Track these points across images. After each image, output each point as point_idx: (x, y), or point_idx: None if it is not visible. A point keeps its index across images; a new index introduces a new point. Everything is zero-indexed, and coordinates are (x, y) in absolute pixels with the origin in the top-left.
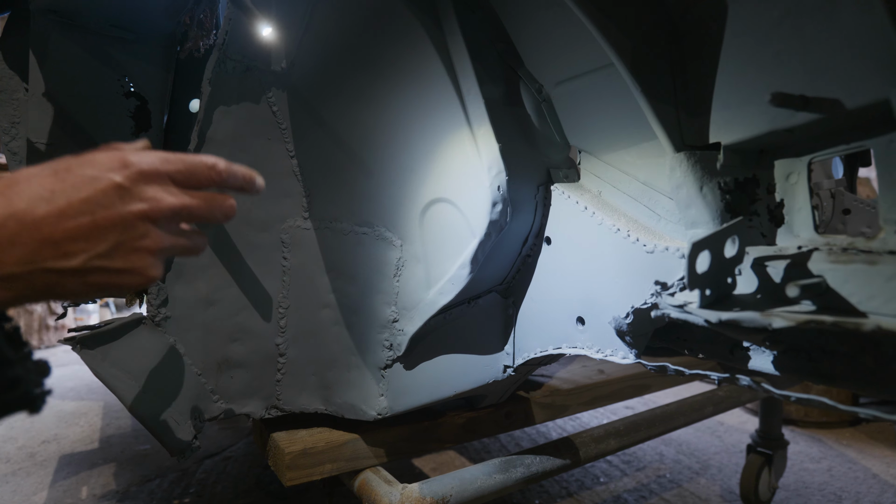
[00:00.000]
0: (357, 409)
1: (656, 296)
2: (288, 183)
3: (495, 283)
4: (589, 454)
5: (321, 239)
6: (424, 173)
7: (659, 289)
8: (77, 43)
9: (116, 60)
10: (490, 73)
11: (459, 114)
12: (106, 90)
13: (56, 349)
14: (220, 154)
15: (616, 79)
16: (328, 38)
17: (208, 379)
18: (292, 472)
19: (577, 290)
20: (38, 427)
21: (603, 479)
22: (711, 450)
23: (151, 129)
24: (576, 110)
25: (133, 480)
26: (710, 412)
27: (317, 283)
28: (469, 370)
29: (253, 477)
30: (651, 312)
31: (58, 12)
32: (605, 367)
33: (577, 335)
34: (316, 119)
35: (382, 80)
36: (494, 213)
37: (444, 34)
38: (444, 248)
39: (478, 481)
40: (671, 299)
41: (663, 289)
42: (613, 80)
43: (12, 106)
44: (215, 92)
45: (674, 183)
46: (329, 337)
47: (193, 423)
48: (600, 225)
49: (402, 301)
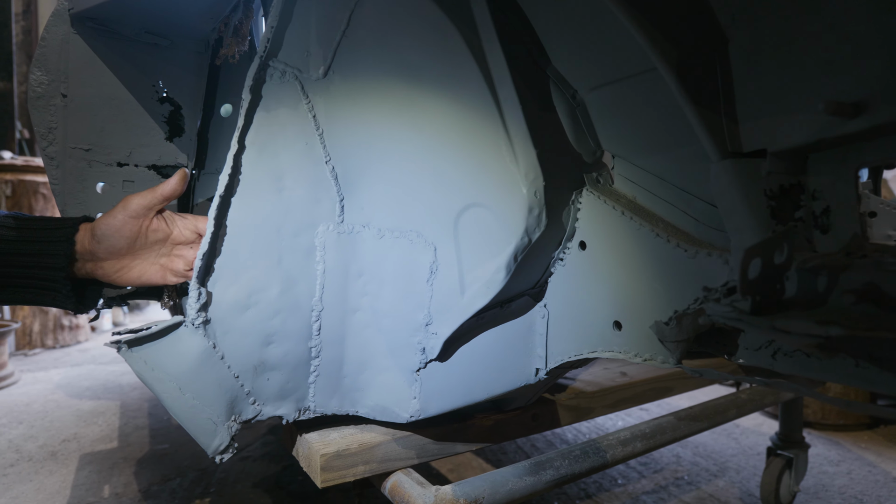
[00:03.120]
0: (389, 411)
1: (703, 301)
2: (322, 188)
3: (528, 287)
4: (616, 457)
5: (354, 243)
6: (459, 178)
7: (706, 294)
8: (113, 49)
9: (151, 66)
10: (525, 79)
11: (496, 119)
12: (140, 96)
13: (70, 349)
14: (258, 159)
15: (655, 84)
16: (365, 44)
17: (245, 381)
18: (327, 474)
19: (613, 294)
20: (58, 426)
21: (621, 482)
22: (728, 452)
23: (185, 133)
24: (611, 115)
25: (153, 479)
26: (734, 415)
27: (349, 287)
28: (501, 373)
29: (272, 476)
30: (698, 318)
31: (96, 19)
32: (627, 370)
33: (614, 339)
34: (351, 124)
35: (418, 85)
36: (531, 218)
37: (480, 39)
38: (479, 253)
39: (509, 483)
40: (718, 305)
41: (710, 294)
42: (652, 86)
43: (49, 112)
44: (255, 99)
45: (718, 189)
46: (361, 340)
47: (231, 425)
48: (639, 230)
49: (435, 305)
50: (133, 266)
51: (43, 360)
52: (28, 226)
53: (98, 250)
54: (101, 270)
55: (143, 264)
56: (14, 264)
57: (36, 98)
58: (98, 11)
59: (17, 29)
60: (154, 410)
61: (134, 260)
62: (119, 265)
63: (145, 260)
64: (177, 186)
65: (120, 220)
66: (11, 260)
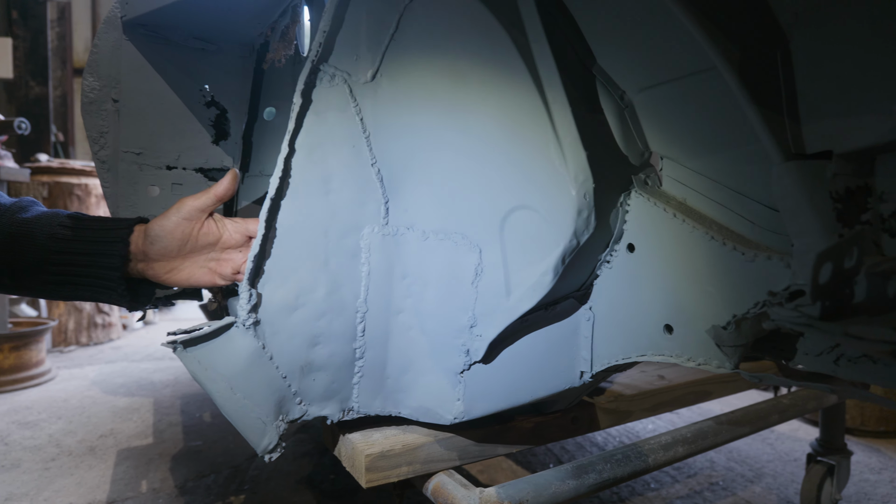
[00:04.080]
0: (433, 412)
1: (767, 305)
2: (368, 190)
3: (573, 290)
4: (658, 461)
5: (398, 245)
6: (506, 180)
7: (771, 298)
8: (162, 55)
9: (198, 71)
10: (573, 80)
11: (545, 121)
12: (188, 100)
13: (103, 346)
14: (307, 162)
15: (709, 84)
16: (412, 47)
17: (292, 381)
18: (371, 474)
19: (663, 297)
20: (95, 422)
21: (654, 486)
22: (764, 457)
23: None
24: (661, 116)
25: (189, 475)
26: (776, 420)
27: (394, 289)
28: (546, 376)
29: (304, 474)
30: (761, 322)
31: (147, 26)
32: (664, 373)
33: (665, 343)
34: (397, 127)
35: (465, 86)
36: (580, 220)
37: (527, 40)
38: (526, 255)
39: (552, 486)
40: (783, 309)
41: (774, 298)
42: (706, 86)
43: (101, 117)
44: (306, 102)
45: (780, 192)
46: (405, 341)
47: (278, 425)
48: (691, 232)
49: (480, 307)
50: (183, 268)
51: (78, 357)
52: (85, 226)
53: (150, 251)
54: (151, 271)
55: (193, 266)
56: (72, 263)
57: (88, 103)
58: (149, 18)
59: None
60: (186, 408)
61: (184, 262)
62: (169, 266)
63: (194, 262)
64: (229, 187)
65: (174, 221)
66: (69, 259)
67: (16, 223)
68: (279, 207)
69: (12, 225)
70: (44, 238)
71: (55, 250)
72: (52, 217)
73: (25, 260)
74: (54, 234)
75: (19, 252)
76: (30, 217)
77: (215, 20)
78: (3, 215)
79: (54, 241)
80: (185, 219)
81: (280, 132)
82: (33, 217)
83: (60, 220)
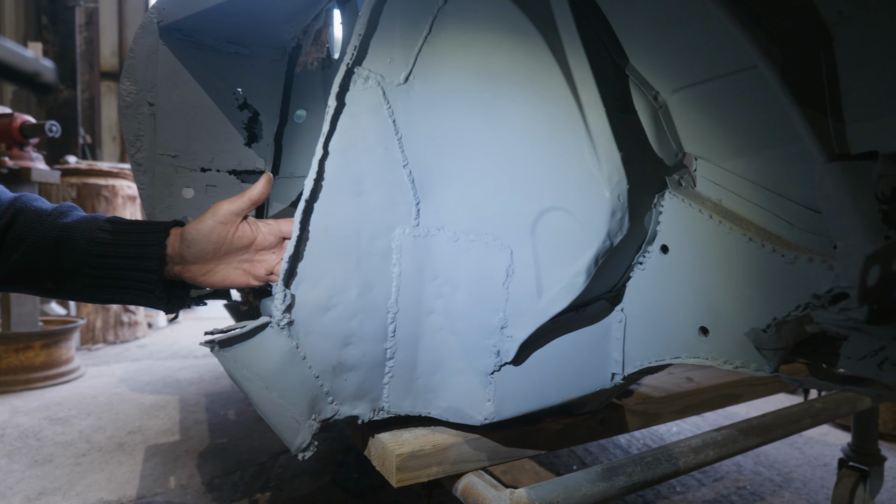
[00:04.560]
0: (463, 413)
1: (810, 308)
2: (399, 192)
3: (604, 291)
4: (689, 464)
5: (429, 246)
6: (538, 182)
7: (814, 301)
8: (197, 59)
9: (231, 74)
10: (607, 81)
11: (578, 122)
12: (222, 103)
13: (129, 344)
14: (340, 164)
15: (747, 84)
16: (445, 49)
17: (324, 381)
18: (402, 474)
19: (698, 299)
20: (123, 418)
21: (679, 489)
22: (793, 462)
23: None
24: (696, 117)
25: (215, 472)
26: (808, 424)
27: (424, 290)
28: (577, 377)
29: (328, 473)
30: (804, 326)
31: (183, 31)
32: (693, 375)
33: (700, 345)
34: (429, 128)
35: (497, 87)
36: (613, 221)
37: (561, 41)
38: (558, 256)
39: (582, 488)
40: (827, 312)
41: (817, 301)
42: (743, 86)
43: (137, 120)
44: (340, 105)
45: (823, 193)
46: (435, 342)
47: (311, 424)
48: (728, 233)
49: (511, 308)
50: (218, 270)
51: (105, 355)
52: (123, 230)
53: (187, 254)
54: (188, 273)
55: (228, 268)
56: (111, 266)
57: (125, 107)
58: (186, 23)
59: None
60: (211, 405)
61: (219, 264)
62: (206, 269)
63: (229, 264)
64: (263, 191)
65: (209, 225)
66: (109, 262)
67: (57, 228)
68: (313, 209)
69: (54, 230)
70: (84, 243)
71: (95, 254)
72: (92, 222)
73: (66, 264)
74: (94, 239)
75: (61, 257)
76: (70, 222)
77: (249, 24)
78: (45, 221)
79: (94, 246)
80: (221, 223)
81: (309, 134)
82: (73, 222)
83: (100, 224)
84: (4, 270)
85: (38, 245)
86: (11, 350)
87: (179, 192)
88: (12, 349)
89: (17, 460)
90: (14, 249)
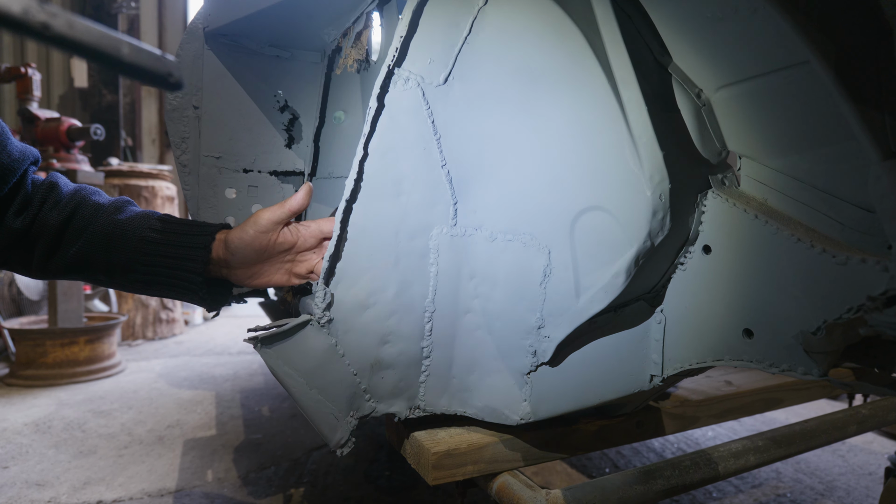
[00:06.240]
0: (499, 413)
1: (864, 311)
2: (438, 192)
3: (644, 292)
4: (728, 469)
5: (466, 246)
6: (578, 181)
7: (869, 303)
8: (240, 63)
9: (273, 77)
10: (648, 79)
11: (619, 121)
12: (264, 105)
13: (167, 340)
14: (380, 165)
15: (795, 81)
16: (485, 50)
17: (362, 379)
18: (437, 472)
19: (742, 300)
20: (162, 413)
21: (716, 495)
22: (835, 470)
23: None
24: (741, 115)
25: (251, 467)
26: (854, 431)
27: (461, 289)
28: (615, 378)
29: (360, 470)
30: (858, 328)
31: (228, 35)
32: (731, 378)
33: (743, 347)
34: (468, 129)
35: (537, 87)
36: (655, 221)
37: (602, 40)
38: (597, 256)
39: (619, 491)
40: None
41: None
42: (791, 82)
43: (182, 123)
44: (380, 107)
45: (878, 192)
46: (471, 341)
47: (349, 420)
48: (775, 234)
49: (548, 308)
50: (262, 272)
51: (144, 351)
52: (172, 230)
53: (232, 261)
54: (234, 276)
55: (271, 270)
56: (159, 265)
57: (171, 110)
58: (230, 28)
59: None
60: (246, 401)
61: (263, 267)
62: (250, 272)
63: (272, 266)
64: (303, 201)
65: (251, 234)
66: (157, 261)
67: (111, 224)
68: (353, 210)
69: (108, 226)
70: (135, 241)
71: (144, 252)
72: (144, 219)
73: (119, 260)
74: (144, 237)
75: (113, 252)
76: (124, 219)
77: (292, 28)
78: (101, 215)
79: (144, 244)
80: (262, 231)
81: (347, 135)
82: (126, 219)
83: (151, 222)
84: (64, 261)
85: (94, 240)
86: (58, 345)
87: (223, 192)
88: (58, 344)
89: (63, 451)
90: (73, 242)
